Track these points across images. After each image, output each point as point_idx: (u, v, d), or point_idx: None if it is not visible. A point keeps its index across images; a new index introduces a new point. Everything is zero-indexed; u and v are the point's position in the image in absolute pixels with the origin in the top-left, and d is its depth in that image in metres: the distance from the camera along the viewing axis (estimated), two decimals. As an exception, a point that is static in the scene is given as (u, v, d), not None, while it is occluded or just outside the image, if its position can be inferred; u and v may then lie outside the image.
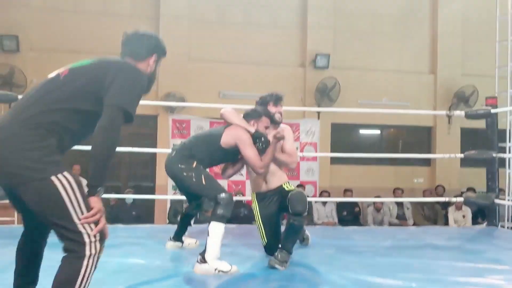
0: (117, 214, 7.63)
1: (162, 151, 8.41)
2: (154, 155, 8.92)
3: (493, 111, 4.74)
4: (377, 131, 10.18)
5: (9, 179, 1.73)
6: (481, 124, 5.35)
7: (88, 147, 1.83)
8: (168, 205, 8.51)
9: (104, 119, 1.79)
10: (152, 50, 2.17)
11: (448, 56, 9.83)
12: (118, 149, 1.89)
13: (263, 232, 3.35)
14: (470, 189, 8.09)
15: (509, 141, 7.00)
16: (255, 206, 3.41)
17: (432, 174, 9.80)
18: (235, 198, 3.18)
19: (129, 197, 7.60)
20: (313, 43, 9.36)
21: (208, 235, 2.89)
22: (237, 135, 3.13)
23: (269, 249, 3.28)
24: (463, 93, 9.38)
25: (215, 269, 2.81)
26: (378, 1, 9.74)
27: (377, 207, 8.16)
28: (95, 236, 1.75)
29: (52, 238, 1.85)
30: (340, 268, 3.03)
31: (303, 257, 3.37)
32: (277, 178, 3.37)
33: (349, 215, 8.36)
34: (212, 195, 2.96)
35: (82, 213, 1.74)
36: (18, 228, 2.10)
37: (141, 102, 2.07)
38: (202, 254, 2.87)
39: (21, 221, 2.05)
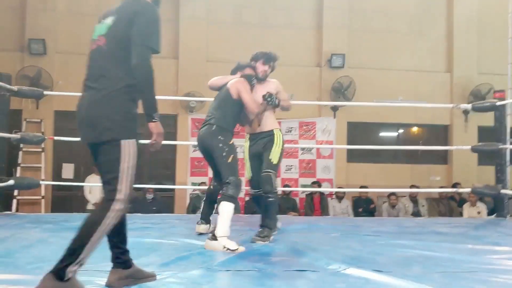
0: (138, 209, 7.91)
1: (183, 143, 8.72)
2: (174, 155, 9.22)
3: (498, 103, 4.82)
4: (394, 132, 10.24)
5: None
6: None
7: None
8: (187, 201, 8.78)
9: (137, 58, 2.07)
10: None
11: (464, 54, 9.86)
12: (140, 145, 2.16)
13: (249, 168, 3.71)
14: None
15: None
16: (246, 145, 3.76)
17: (449, 172, 9.82)
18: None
19: (156, 187, 7.87)
20: (329, 43, 9.53)
21: (218, 213, 3.13)
22: (236, 85, 3.56)
23: (253, 182, 3.68)
24: (479, 91, 9.39)
25: (224, 247, 3.02)
26: (393, 0, 9.84)
27: (392, 204, 8.24)
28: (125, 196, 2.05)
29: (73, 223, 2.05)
30: (342, 248, 3.21)
31: (308, 239, 3.55)
32: (270, 123, 3.69)
33: (365, 211, 8.46)
34: (227, 175, 3.25)
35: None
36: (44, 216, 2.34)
37: (161, 97, 2.38)
38: (213, 231, 3.12)
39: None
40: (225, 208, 3.13)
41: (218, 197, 3.33)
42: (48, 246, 3.05)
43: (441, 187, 8.97)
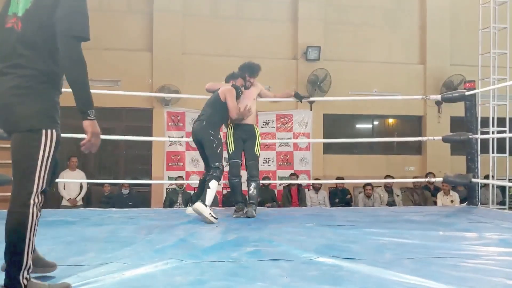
0: (114, 204, 7.85)
1: (159, 139, 8.66)
2: (150, 150, 9.14)
3: (468, 93, 4.92)
4: (369, 124, 10.37)
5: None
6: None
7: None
8: (164, 195, 8.73)
9: (65, 51, 1.91)
10: None
11: (437, 47, 10.03)
12: (116, 140, 2.02)
13: (233, 144, 4.47)
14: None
15: (492, 126, 7.27)
16: (231, 131, 4.51)
17: (423, 163, 10.01)
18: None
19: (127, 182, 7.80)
20: (304, 36, 9.57)
21: (208, 187, 4.02)
22: (224, 92, 4.40)
23: (232, 160, 4.45)
24: (451, 83, 9.58)
25: (209, 213, 3.87)
26: (368, -6, 9.95)
27: (368, 194, 8.36)
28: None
29: (65, 217, 2.00)
30: (316, 237, 3.24)
31: (283, 230, 3.57)
32: (251, 118, 4.54)
33: (341, 202, 8.56)
34: (214, 161, 4.15)
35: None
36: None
37: (136, 93, 2.26)
38: (202, 199, 3.97)
39: None
40: (212, 185, 4.02)
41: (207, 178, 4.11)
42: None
43: (415, 177, 9.14)
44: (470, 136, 4.98)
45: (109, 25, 8.97)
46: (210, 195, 3.98)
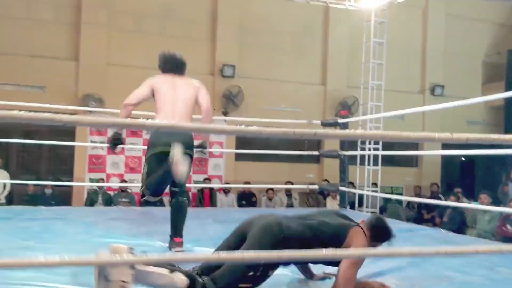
0: (37, 203, 8.41)
1: (82, 144, 9.29)
2: (72, 151, 9.75)
3: (340, 120, 6.27)
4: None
5: None
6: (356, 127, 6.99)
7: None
8: (85, 196, 9.40)
9: None
10: None
11: (336, 71, 11.59)
12: (38, 143, 2.83)
13: None
14: (350, 183, 9.80)
15: (360, 144, 8.78)
16: None
17: (321, 171, 11.49)
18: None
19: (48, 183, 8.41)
20: (221, 55, 10.68)
21: None
22: None
23: None
24: (346, 103, 11.15)
25: None
26: (279, 20, 11.24)
27: (269, 197, 9.62)
28: None
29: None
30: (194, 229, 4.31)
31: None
32: None
33: (247, 204, 9.75)
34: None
35: None
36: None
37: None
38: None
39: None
40: None
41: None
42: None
43: (311, 183, 10.54)
44: (339, 153, 6.33)
45: (36, 33, 9.50)
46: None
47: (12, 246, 3.30)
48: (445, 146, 12.66)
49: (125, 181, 9.63)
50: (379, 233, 2.64)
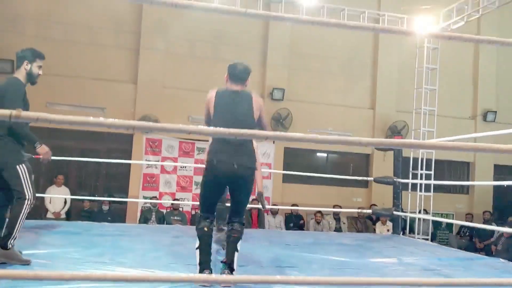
0: (94, 218, 8.81)
1: (138, 162, 9.65)
2: (128, 169, 10.16)
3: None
4: (324, 155, 11.77)
5: None
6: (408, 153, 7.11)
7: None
8: (139, 214, 9.74)
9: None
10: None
11: (385, 95, 11.58)
12: (96, 161, 3.37)
13: None
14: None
15: (412, 170, 8.67)
16: None
17: (369, 195, 11.41)
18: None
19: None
20: (271, 78, 10.93)
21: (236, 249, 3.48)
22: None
23: None
24: (395, 127, 11.09)
25: None
26: (328, 46, 11.41)
27: (317, 220, 9.64)
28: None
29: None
30: (267, 252, 4.43)
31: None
32: None
33: (295, 226, 9.79)
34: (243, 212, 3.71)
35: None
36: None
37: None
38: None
39: None
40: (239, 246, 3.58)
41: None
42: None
43: (360, 207, 10.49)
44: (394, 179, 6.33)
45: (97, 58, 10.07)
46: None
47: (96, 260, 3.53)
48: (497, 172, 12.35)
49: (176, 200, 9.91)
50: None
